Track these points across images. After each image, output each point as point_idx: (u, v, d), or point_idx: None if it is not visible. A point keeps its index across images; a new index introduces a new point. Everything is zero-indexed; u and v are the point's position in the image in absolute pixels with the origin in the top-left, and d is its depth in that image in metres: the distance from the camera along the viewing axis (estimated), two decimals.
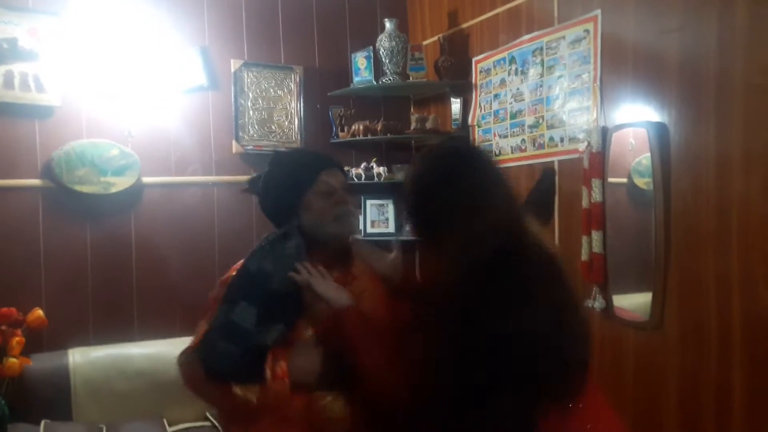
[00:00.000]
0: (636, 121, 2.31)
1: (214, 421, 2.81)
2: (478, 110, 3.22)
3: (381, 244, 3.24)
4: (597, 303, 2.43)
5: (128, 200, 3.08)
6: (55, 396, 2.69)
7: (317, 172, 1.61)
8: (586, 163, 2.46)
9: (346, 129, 3.51)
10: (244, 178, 3.38)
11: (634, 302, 2.36)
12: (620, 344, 2.40)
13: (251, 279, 1.52)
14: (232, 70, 3.37)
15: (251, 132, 3.43)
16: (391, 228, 3.49)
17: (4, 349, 2.66)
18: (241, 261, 1.58)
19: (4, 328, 2.67)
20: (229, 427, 1.62)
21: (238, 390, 1.43)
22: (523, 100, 2.91)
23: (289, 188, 1.62)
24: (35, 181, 2.93)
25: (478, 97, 3.22)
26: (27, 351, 2.71)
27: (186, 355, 1.56)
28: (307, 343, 1.51)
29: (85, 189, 2.95)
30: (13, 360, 2.63)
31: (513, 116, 2.97)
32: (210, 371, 1.46)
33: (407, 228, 1.72)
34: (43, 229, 2.93)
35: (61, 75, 2.96)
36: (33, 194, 2.92)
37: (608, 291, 2.42)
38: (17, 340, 2.65)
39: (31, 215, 2.91)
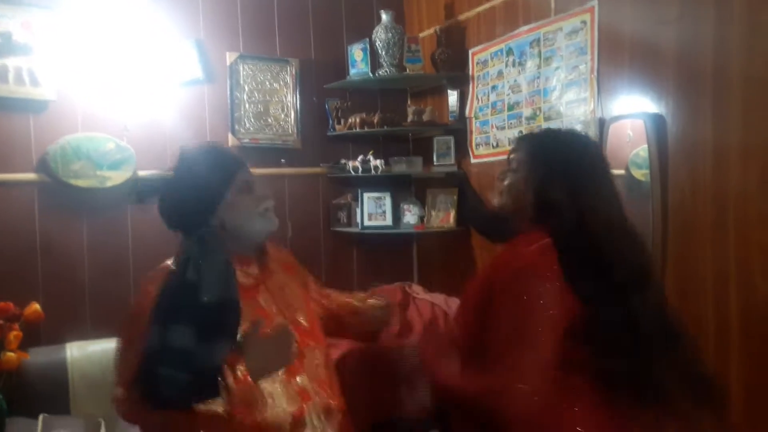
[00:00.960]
0: (633, 112, 2.31)
1: None
2: (475, 102, 3.21)
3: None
4: None
5: (124, 194, 3.07)
6: (52, 390, 2.69)
7: (234, 169, 1.57)
8: None
9: (342, 122, 3.50)
10: None
11: None
12: None
13: (180, 295, 1.41)
14: (228, 62, 3.36)
15: (247, 125, 3.42)
16: (388, 221, 3.49)
17: (1, 343, 2.65)
18: (154, 275, 1.52)
19: (1, 322, 2.66)
20: None
21: (200, 407, 1.35)
22: (520, 91, 2.90)
23: (207, 189, 1.54)
24: (31, 176, 2.91)
25: (475, 89, 3.21)
26: (24, 345, 2.70)
27: (123, 391, 1.45)
28: (253, 337, 1.45)
29: (81, 183, 2.94)
30: (10, 354, 2.62)
31: (510, 108, 2.96)
32: (161, 404, 1.36)
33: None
34: (39, 223, 2.92)
35: (56, 69, 2.94)
36: (28, 188, 2.91)
37: None
38: (14, 334, 2.65)
39: (26, 209, 2.90)
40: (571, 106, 2.62)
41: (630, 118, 2.32)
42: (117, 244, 3.08)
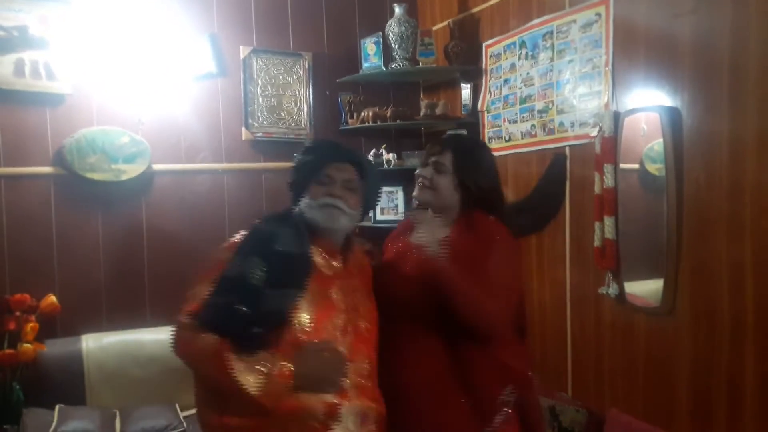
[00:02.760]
0: (648, 105, 2.28)
1: None
2: (487, 95, 3.20)
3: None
4: (610, 289, 2.42)
5: (139, 187, 3.10)
6: (68, 381, 2.73)
7: (325, 162, 1.72)
8: (598, 149, 2.44)
9: (355, 115, 3.51)
10: (254, 165, 3.41)
11: (646, 288, 2.35)
12: (632, 330, 2.39)
13: (260, 241, 1.60)
14: (242, 56, 3.37)
15: (260, 119, 3.43)
16: (400, 215, 3.49)
17: (18, 335, 2.69)
18: (241, 233, 1.68)
19: (18, 314, 2.71)
20: (202, 409, 1.59)
21: (238, 375, 1.45)
22: (533, 84, 2.88)
23: (301, 172, 1.75)
24: (47, 169, 2.95)
25: (488, 83, 3.19)
26: (41, 337, 2.74)
27: (186, 317, 1.56)
28: (311, 349, 1.55)
29: (96, 176, 2.97)
30: (27, 345, 2.66)
31: (523, 101, 2.95)
32: (216, 329, 1.49)
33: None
34: (56, 216, 2.95)
35: (72, 63, 2.97)
36: (45, 181, 2.95)
37: (621, 277, 2.40)
38: (31, 326, 2.69)
39: (43, 202, 2.94)
40: (585, 100, 2.60)
41: (645, 111, 2.30)
42: (132, 236, 3.11)
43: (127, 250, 3.09)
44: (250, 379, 1.46)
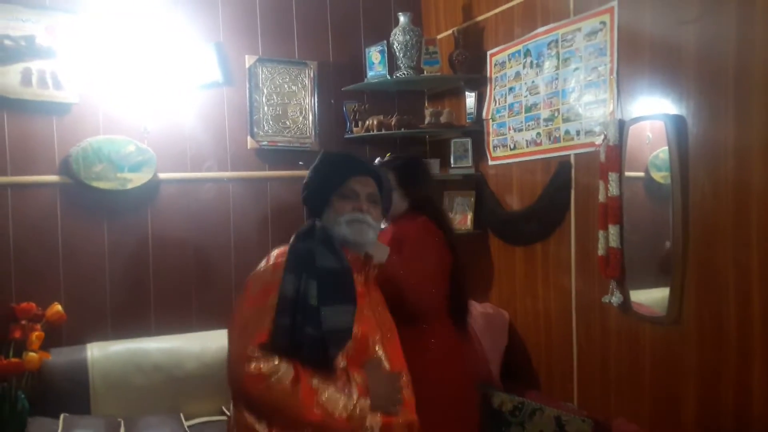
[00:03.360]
0: (653, 113, 2.28)
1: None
2: (492, 104, 3.20)
3: None
4: (614, 298, 2.41)
5: (145, 196, 3.10)
6: (73, 390, 2.72)
7: (347, 176, 1.74)
8: (602, 157, 2.43)
9: (360, 124, 3.51)
10: (259, 174, 3.42)
11: (651, 297, 2.33)
12: (637, 339, 2.37)
13: (307, 259, 1.59)
14: (247, 65, 3.38)
15: (266, 128, 3.44)
16: None
17: (24, 344, 2.69)
18: (277, 252, 1.68)
19: (24, 322, 2.71)
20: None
21: (320, 406, 1.47)
22: (538, 93, 2.88)
23: (321, 186, 1.77)
24: (53, 178, 2.96)
25: (492, 91, 3.20)
26: (46, 345, 2.74)
27: (255, 350, 1.50)
28: (378, 368, 1.62)
29: (102, 185, 2.98)
30: (32, 354, 2.66)
31: (528, 110, 2.95)
32: (294, 354, 1.50)
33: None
34: (62, 224, 2.96)
35: (78, 72, 2.98)
36: (51, 190, 2.95)
37: (625, 286, 2.39)
38: (36, 335, 2.69)
39: (49, 211, 2.95)
40: (590, 108, 2.60)
41: (650, 119, 2.30)
42: (137, 245, 3.11)
43: (132, 259, 3.10)
44: (339, 405, 1.49)
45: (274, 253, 1.68)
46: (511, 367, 2.93)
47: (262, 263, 1.68)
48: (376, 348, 1.65)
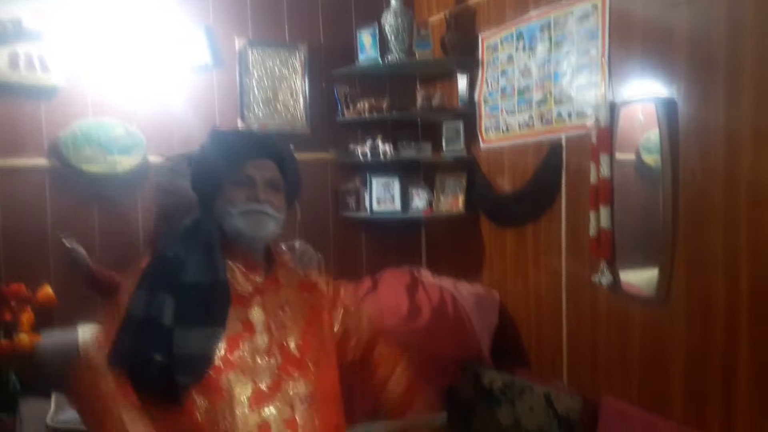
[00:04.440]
0: (644, 96, 2.30)
1: None
2: (485, 87, 3.20)
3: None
4: (604, 278, 2.44)
5: (135, 179, 3.08)
6: (64, 371, 2.71)
7: (243, 159, 1.46)
8: (594, 139, 2.45)
9: (351, 107, 3.50)
10: None
11: (641, 277, 2.37)
12: (627, 318, 2.41)
13: (168, 271, 1.36)
14: (237, 48, 3.36)
15: (256, 111, 3.42)
16: (397, 206, 3.50)
17: (14, 325, 2.68)
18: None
19: (13, 304, 2.70)
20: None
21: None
22: (530, 76, 2.89)
23: (210, 172, 1.48)
24: (42, 161, 2.93)
25: (485, 74, 3.20)
26: (37, 327, 2.74)
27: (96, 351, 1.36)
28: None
29: (92, 168, 2.96)
30: (23, 336, 2.66)
31: (520, 93, 2.96)
32: (129, 377, 1.30)
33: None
34: (51, 207, 2.94)
35: (66, 55, 2.95)
36: (40, 174, 2.93)
37: (615, 266, 2.43)
38: (27, 316, 2.68)
39: (38, 194, 2.93)
40: (582, 90, 2.61)
41: (641, 102, 2.32)
42: (127, 227, 3.10)
43: (122, 241, 3.08)
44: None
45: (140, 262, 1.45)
46: (501, 347, 2.97)
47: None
48: (257, 359, 1.36)
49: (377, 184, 3.51)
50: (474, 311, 2.87)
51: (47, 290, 2.79)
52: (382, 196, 3.50)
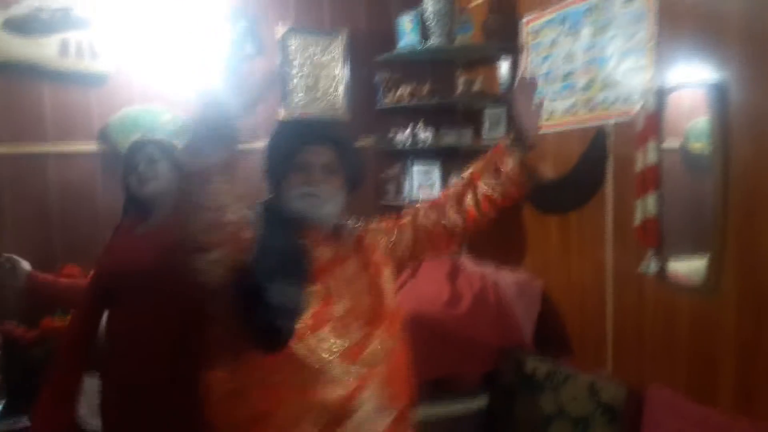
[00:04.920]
0: (694, 81, 2.24)
1: None
2: (527, 72, 3.16)
3: None
4: (651, 267, 2.40)
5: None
6: None
7: (300, 145, 1.62)
8: (640, 125, 2.41)
9: (391, 94, 3.50)
10: None
11: (689, 267, 2.32)
12: (674, 309, 2.37)
13: (259, 238, 1.47)
14: (278, 36, 3.38)
15: (297, 99, 3.45)
16: (437, 192, 3.49)
17: (69, 306, 2.78)
18: None
19: None
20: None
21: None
22: (575, 61, 2.84)
23: (275, 160, 1.66)
24: (92, 147, 3.02)
25: (527, 59, 3.16)
26: None
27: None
28: None
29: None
30: None
31: (564, 78, 2.91)
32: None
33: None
34: (102, 192, 3.03)
35: (115, 42, 3.03)
36: (91, 159, 3.03)
37: (662, 255, 2.38)
38: None
39: (89, 179, 3.02)
40: (628, 75, 2.56)
41: (690, 87, 2.26)
42: None
43: None
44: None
45: None
46: (544, 335, 2.95)
47: None
48: (338, 325, 1.52)
49: (417, 171, 3.51)
50: (516, 299, 2.86)
51: None
52: (423, 182, 3.50)
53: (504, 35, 3.25)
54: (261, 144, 1.69)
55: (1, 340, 2.64)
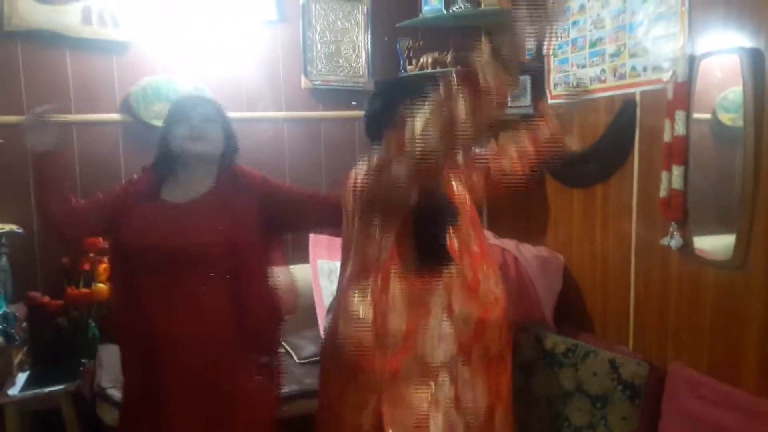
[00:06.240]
0: (727, 47, 2.14)
1: None
2: (554, 39, 3.07)
3: None
4: (674, 241, 2.33)
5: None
6: None
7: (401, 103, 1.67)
8: (670, 94, 2.32)
9: (414, 62, 3.43)
10: (313, 114, 3.41)
11: (715, 242, 2.25)
12: (698, 285, 2.31)
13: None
14: (300, 1, 3.33)
15: (319, 66, 3.41)
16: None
17: (92, 275, 2.83)
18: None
19: (92, 255, 2.84)
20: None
21: None
22: (603, 27, 2.74)
23: (376, 117, 1.81)
24: (114, 116, 3.03)
25: (554, 25, 3.06)
26: None
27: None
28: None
29: (161, 123, 3.02)
30: (101, 285, 2.80)
31: (592, 45, 2.81)
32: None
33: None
34: (124, 161, 3.05)
35: (137, 11, 3.01)
36: (113, 128, 3.04)
37: (687, 229, 2.31)
38: (104, 267, 2.81)
39: (112, 148, 3.03)
40: (659, 42, 2.45)
41: (723, 53, 2.15)
42: None
43: None
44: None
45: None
46: (565, 311, 2.91)
47: None
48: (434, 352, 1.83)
49: None
50: (537, 274, 2.81)
51: None
52: None
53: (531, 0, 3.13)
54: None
55: (26, 311, 2.69)
